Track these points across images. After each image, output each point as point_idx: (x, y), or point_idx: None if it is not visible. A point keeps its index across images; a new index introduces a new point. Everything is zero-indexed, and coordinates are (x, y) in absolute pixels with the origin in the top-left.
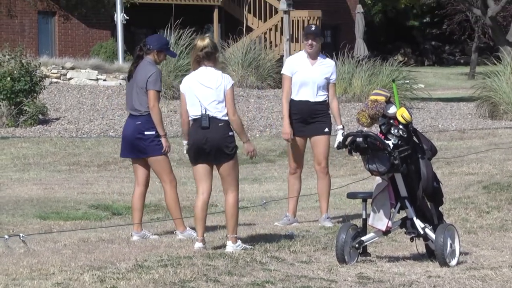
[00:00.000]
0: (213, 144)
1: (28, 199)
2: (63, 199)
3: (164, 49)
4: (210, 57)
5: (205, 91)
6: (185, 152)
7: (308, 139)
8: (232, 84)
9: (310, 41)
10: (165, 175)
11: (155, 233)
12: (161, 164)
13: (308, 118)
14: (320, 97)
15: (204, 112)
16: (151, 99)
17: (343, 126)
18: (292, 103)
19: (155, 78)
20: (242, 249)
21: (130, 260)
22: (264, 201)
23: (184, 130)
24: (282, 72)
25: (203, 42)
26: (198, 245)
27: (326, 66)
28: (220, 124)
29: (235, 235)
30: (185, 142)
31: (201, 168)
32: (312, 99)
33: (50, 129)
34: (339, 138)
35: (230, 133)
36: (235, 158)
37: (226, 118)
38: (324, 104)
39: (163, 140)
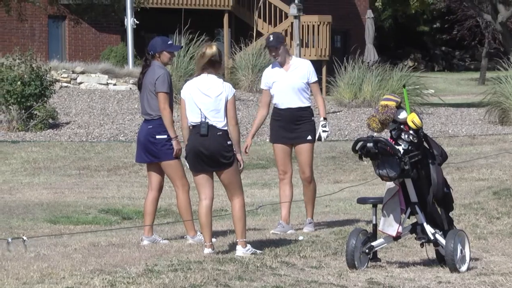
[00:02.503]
0: (210, 152)
1: (38, 203)
2: (73, 204)
3: (164, 48)
4: (215, 65)
5: (204, 99)
6: (184, 157)
7: (292, 146)
8: (234, 93)
9: (273, 54)
10: (178, 179)
11: (165, 238)
12: (173, 169)
13: (292, 124)
14: (303, 102)
15: (203, 120)
16: (161, 101)
17: (325, 118)
18: (276, 111)
19: (163, 80)
20: (251, 253)
21: (140, 264)
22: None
23: (184, 135)
24: (260, 86)
25: (211, 50)
26: (207, 251)
27: (301, 68)
28: (218, 133)
29: (244, 239)
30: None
31: (201, 175)
32: (295, 106)
33: (60, 133)
34: (320, 129)
35: (229, 142)
36: (235, 165)
37: (225, 128)
38: (308, 110)
39: (174, 142)
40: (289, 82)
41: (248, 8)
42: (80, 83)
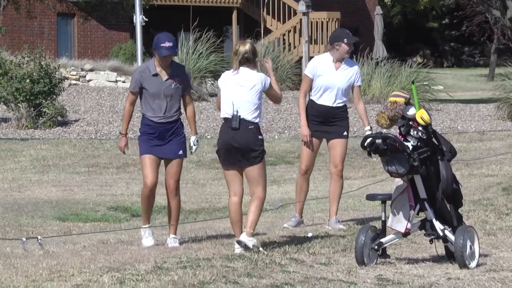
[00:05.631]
0: (241, 145)
1: (47, 201)
2: (82, 201)
3: (154, 48)
4: (249, 61)
5: (239, 90)
6: (215, 152)
7: (325, 141)
8: (270, 81)
9: (350, 50)
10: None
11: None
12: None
13: (327, 121)
14: (341, 102)
15: (235, 113)
16: None
17: (371, 126)
18: (312, 104)
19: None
20: (253, 244)
21: (149, 261)
22: (280, 204)
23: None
24: (304, 72)
25: (244, 47)
26: (237, 245)
27: (350, 70)
28: (250, 127)
29: (252, 231)
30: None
31: (231, 170)
32: (333, 104)
33: (69, 131)
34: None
35: (260, 137)
36: (263, 162)
37: (257, 120)
38: (344, 109)
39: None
40: (336, 81)
41: (256, 5)
42: (89, 80)
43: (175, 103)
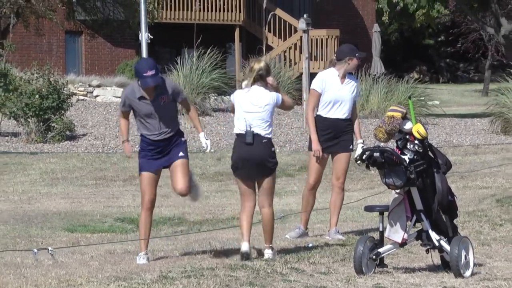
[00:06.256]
0: (257, 159)
1: (56, 213)
2: (90, 213)
3: (137, 77)
4: (263, 79)
5: (251, 108)
6: (230, 167)
7: (330, 154)
8: (281, 97)
9: (359, 63)
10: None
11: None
12: None
13: (335, 135)
14: (348, 115)
15: (249, 129)
16: None
17: (363, 140)
18: (321, 119)
19: None
20: (275, 255)
21: (155, 271)
22: (282, 215)
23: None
24: (312, 87)
25: (259, 64)
26: (245, 244)
27: (353, 84)
28: (263, 141)
29: (272, 244)
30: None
31: (247, 182)
32: (342, 117)
33: (77, 145)
34: (359, 151)
35: (273, 149)
36: (274, 174)
37: (270, 136)
38: (349, 122)
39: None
40: (343, 94)
41: (258, 23)
42: (96, 96)
43: (169, 119)
